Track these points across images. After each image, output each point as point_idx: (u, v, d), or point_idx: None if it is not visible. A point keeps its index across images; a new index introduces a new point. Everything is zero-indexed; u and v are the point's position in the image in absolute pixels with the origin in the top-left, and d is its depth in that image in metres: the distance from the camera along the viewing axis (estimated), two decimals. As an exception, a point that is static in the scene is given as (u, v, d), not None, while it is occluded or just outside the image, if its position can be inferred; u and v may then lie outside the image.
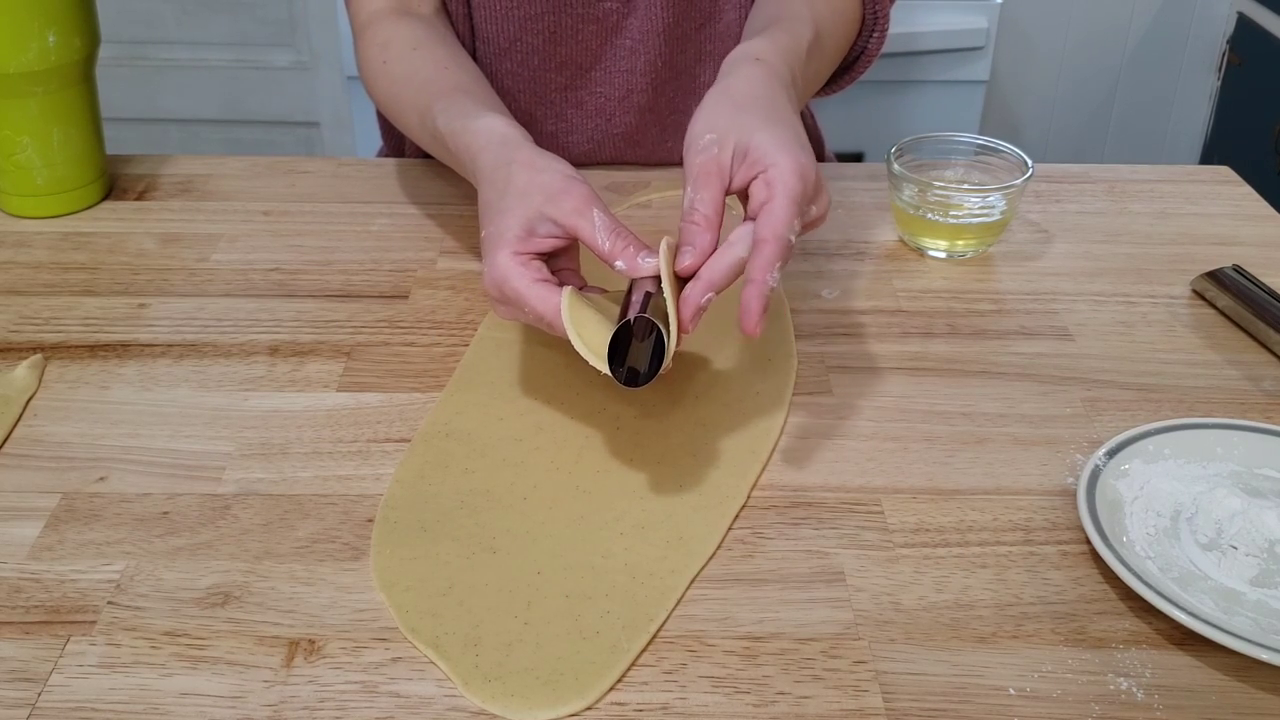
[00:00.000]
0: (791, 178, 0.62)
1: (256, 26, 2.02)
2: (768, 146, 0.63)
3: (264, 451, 0.67)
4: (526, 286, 0.63)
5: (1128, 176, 0.98)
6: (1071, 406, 0.71)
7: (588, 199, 0.64)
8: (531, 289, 0.63)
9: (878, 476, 0.65)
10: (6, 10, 0.83)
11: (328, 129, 2.10)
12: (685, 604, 0.57)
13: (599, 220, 0.63)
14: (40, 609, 0.57)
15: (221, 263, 0.85)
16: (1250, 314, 0.77)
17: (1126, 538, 0.60)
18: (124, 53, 2.01)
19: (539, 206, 0.64)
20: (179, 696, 0.52)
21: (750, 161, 0.63)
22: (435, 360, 0.74)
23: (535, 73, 0.93)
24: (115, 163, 0.97)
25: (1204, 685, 0.53)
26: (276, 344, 0.76)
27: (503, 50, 0.92)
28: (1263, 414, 0.70)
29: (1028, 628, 0.56)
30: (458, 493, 0.63)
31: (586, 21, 0.91)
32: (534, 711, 0.52)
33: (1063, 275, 0.84)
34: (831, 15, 0.84)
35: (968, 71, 1.94)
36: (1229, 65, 2.08)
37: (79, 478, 0.65)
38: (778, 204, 0.61)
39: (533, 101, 0.95)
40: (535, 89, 0.94)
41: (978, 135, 0.89)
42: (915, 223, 0.85)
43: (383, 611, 0.57)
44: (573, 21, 0.91)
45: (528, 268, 0.64)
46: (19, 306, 0.80)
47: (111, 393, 0.71)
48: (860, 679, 0.53)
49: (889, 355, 0.75)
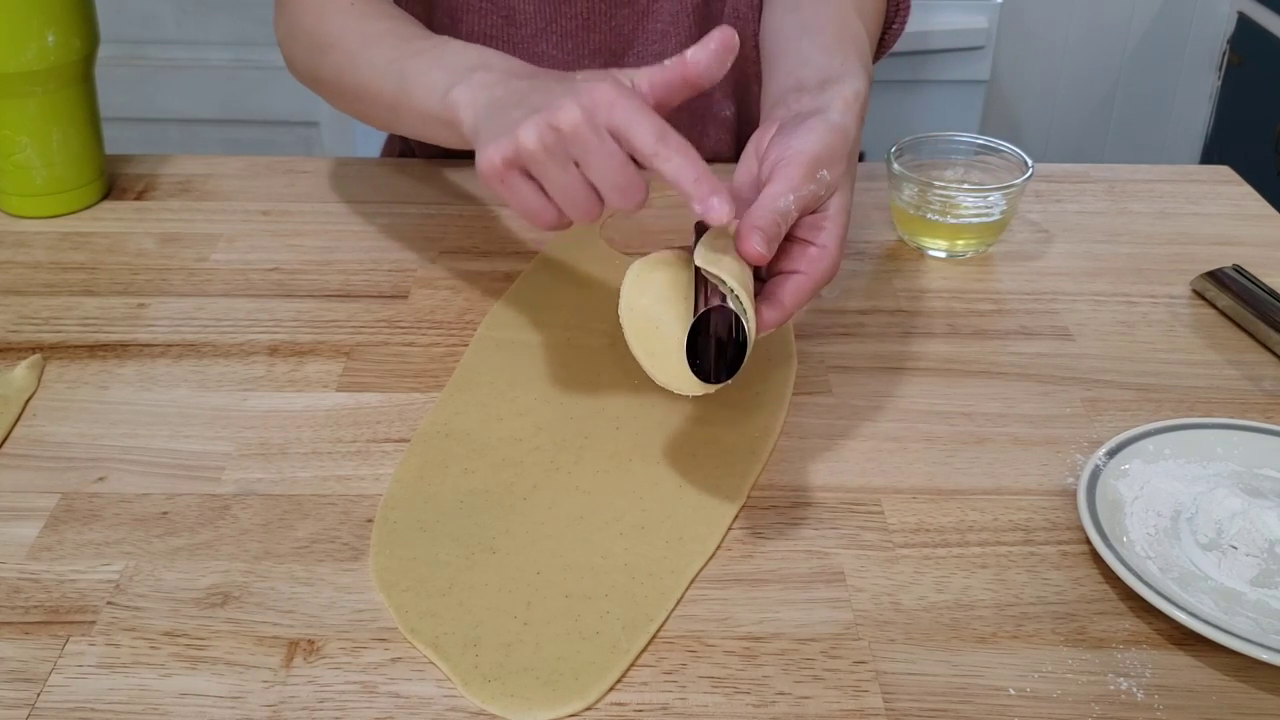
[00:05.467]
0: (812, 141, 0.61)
1: (256, 26, 2.01)
2: None
3: (263, 451, 0.67)
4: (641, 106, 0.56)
5: (1128, 176, 0.98)
6: (1071, 406, 0.71)
7: None
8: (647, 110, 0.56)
9: (878, 476, 0.65)
10: (5, 10, 0.83)
11: (327, 129, 2.10)
12: (685, 604, 0.57)
13: None
14: (39, 609, 0.57)
15: (221, 262, 0.85)
16: (1250, 314, 0.77)
17: (1127, 538, 0.60)
18: (123, 53, 2.01)
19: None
20: (178, 697, 0.52)
21: None
22: (435, 360, 0.74)
23: (570, 56, 0.93)
24: (114, 162, 0.97)
25: (1204, 685, 0.53)
26: (276, 344, 0.76)
27: (539, 31, 0.92)
28: (1263, 414, 0.70)
29: (1028, 628, 0.56)
30: (457, 493, 0.63)
31: (619, 5, 0.91)
32: (534, 711, 0.51)
33: (1063, 275, 0.84)
34: (874, 14, 0.83)
35: (968, 71, 1.94)
36: (1229, 65, 2.08)
37: (78, 478, 0.65)
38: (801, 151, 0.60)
39: None
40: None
41: (978, 135, 0.89)
42: (915, 222, 0.85)
43: (382, 612, 0.56)
44: (606, 6, 0.91)
45: None
46: (18, 306, 0.80)
47: (110, 393, 0.71)
48: (860, 679, 0.53)
49: (889, 355, 0.75)
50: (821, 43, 0.71)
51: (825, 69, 0.68)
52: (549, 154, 0.57)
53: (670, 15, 0.92)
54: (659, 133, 0.56)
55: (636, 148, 0.56)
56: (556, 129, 0.56)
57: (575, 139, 0.56)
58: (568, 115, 0.56)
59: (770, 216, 0.58)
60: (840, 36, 0.72)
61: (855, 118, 0.64)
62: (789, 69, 0.70)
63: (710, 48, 0.58)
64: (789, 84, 0.68)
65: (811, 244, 0.61)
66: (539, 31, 0.92)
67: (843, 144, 0.62)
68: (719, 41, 0.58)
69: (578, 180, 0.58)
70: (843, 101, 0.64)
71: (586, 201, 0.58)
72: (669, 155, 0.56)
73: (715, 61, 0.58)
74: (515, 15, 0.92)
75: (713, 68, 0.58)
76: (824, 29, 0.73)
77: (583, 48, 0.93)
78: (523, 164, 0.58)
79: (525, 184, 0.59)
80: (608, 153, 0.56)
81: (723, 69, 0.58)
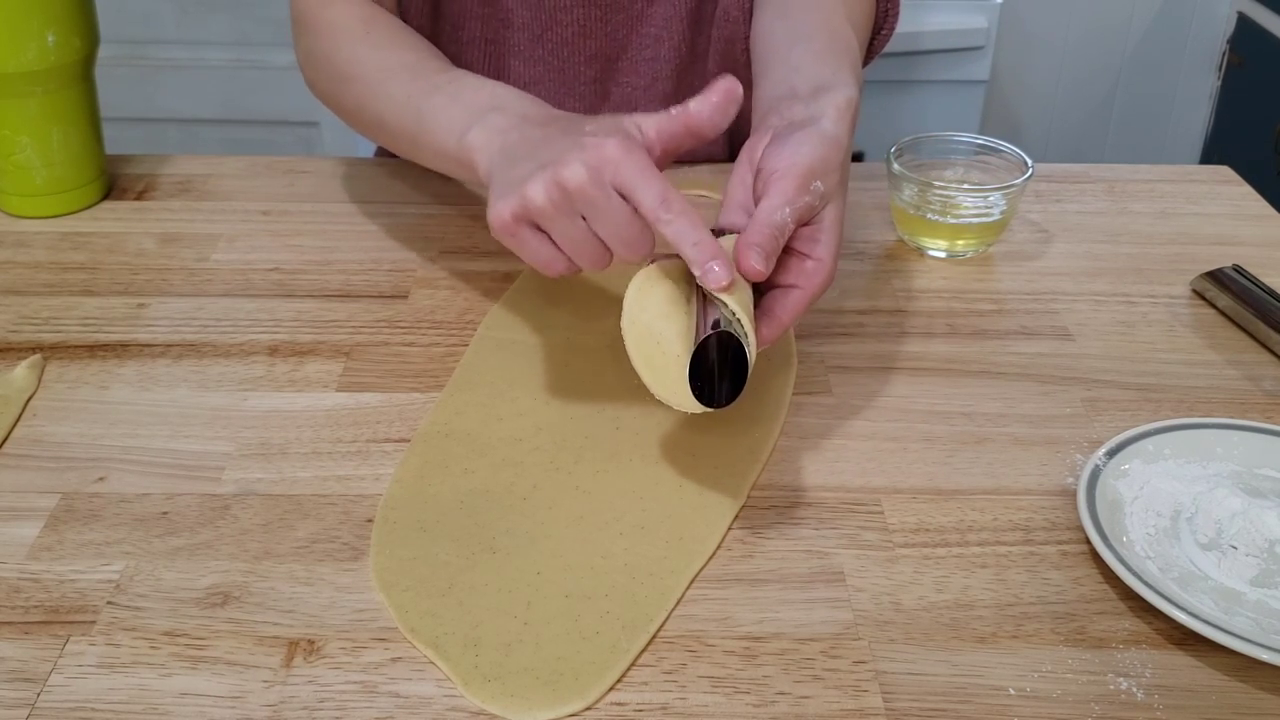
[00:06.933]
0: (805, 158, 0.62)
1: (256, 26, 2.01)
2: None
3: (263, 451, 0.67)
4: (647, 166, 0.57)
5: (1128, 176, 0.98)
6: (1071, 406, 0.71)
7: None
8: (652, 169, 0.57)
9: (878, 476, 0.65)
10: (5, 10, 0.83)
11: (327, 129, 2.10)
12: (685, 604, 0.57)
13: None
14: (39, 609, 0.57)
15: (221, 263, 0.85)
16: (1250, 314, 0.77)
17: (1126, 538, 0.60)
18: (123, 52, 2.01)
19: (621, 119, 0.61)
20: (178, 696, 0.52)
21: None
22: (435, 360, 0.74)
23: (566, 62, 0.94)
24: (114, 162, 0.97)
25: (1204, 685, 0.53)
26: (276, 344, 0.76)
27: (536, 36, 0.92)
28: (1263, 414, 0.70)
29: (1028, 628, 0.56)
30: (457, 493, 0.63)
31: (613, 11, 0.92)
32: (534, 711, 0.51)
33: (1063, 275, 0.84)
34: (864, 19, 0.83)
35: (968, 71, 1.94)
36: (1229, 65, 2.08)
37: (78, 478, 0.65)
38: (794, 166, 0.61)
39: (562, 93, 0.95)
40: (564, 80, 0.94)
41: (978, 135, 0.89)
42: (915, 223, 0.85)
43: (382, 611, 0.56)
44: (600, 13, 0.91)
45: None
46: (18, 306, 0.80)
47: (111, 393, 0.71)
48: (860, 679, 0.53)
49: (888, 355, 0.75)
50: (813, 50, 0.72)
51: (816, 77, 0.69)
52: (556, 210, 0.58)
53: (663, 20, 0.92)
54: (662, 196, 0.57)
55: (640, 208, 0.58)
56: (563, 187, 0.58)
57: (581, 197, 0.58)
58: (574, 173, 0.57)
59: (768, 232, 0.59)
60: (831, 44, 0.73)
61: (847, 127, 0.65)
62: (780, 76, 0.71)
63: (712, 100, 0.59)
64: (781, 91, 0.69)
65: (808, 257, 0.62)
66: (536, 37, 0.92)
67: (836, 154, 0.63)
68: (721, 94, 0.59)
69: (585, 233, 0.59)
70: (835, 110, 0.65)
71: (595, 252, 0.60)
72: (671, 219, 0.57)
73: (717, 113, 0.60)
74: (513, 20, 0.92)
75: (715, 118, 0.60)
76: (814, 36, 0.74)
77: (578, 54, 0.93)
78: (531, 219, 0.60)
79: (535, 236, 0.60)
80: (614, 209, 0.58)
81: (726, 119, 0.60)
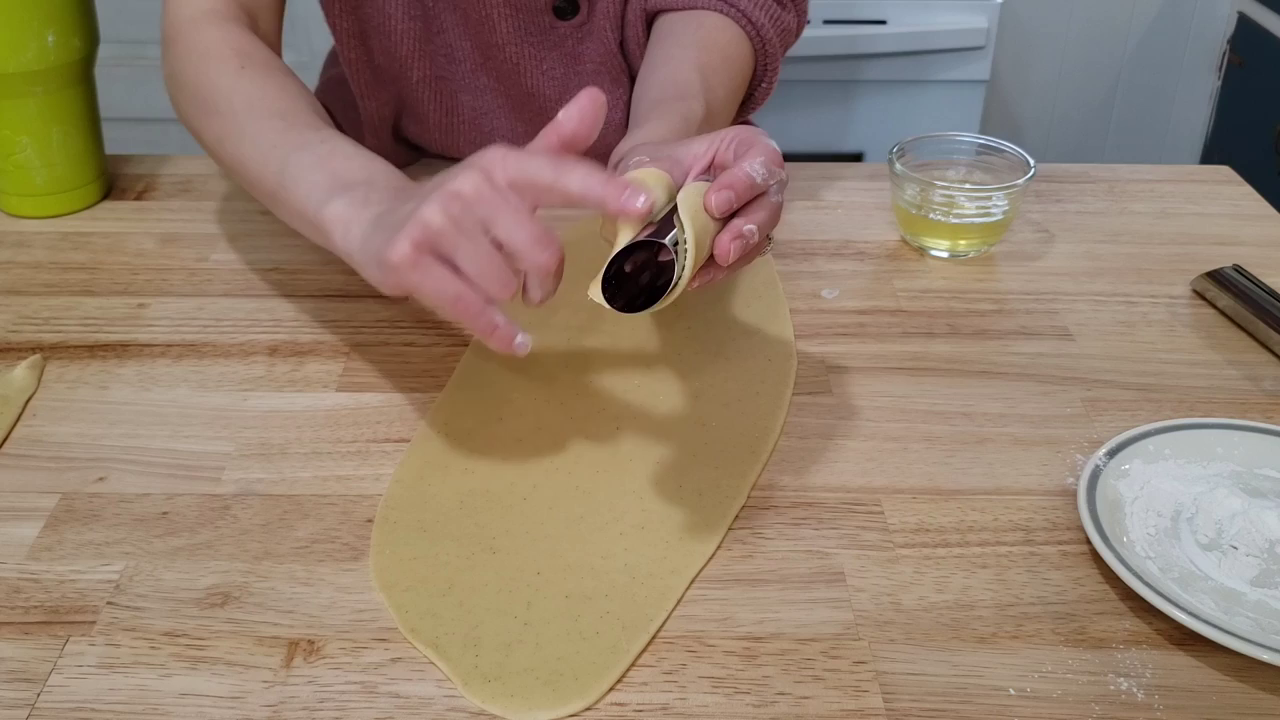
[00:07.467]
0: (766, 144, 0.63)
1: (256, 26, 2.01)
2: None
3: (263, 451, 0.67)
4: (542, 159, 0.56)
5: (1128, 176, 0.98)
6: (1072, 406, 0.71)
7: None
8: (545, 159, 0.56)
9: (878, 476, 0.65)
10: (5, 10, 0.83)
11: (327, 129, 2.10)
12: (685, 604, 0.57)
13: None
14: (39, 609, 0.57)
15: (221, 263, 0.85)
16: (1250, 314, 0.77)
17: (1127, 538, 0.60)
18: (124, 53, 2.01)
19: None
20: (178, 697, 0.52)
21: None
22: (435, 360, 0.74)
23: (508, 101, 0.94)
24: (115, 163, 0.97)
25: (1204, 685, 0.53)
26: (276, 344, 0.76)
27: (477, 67, 0.92)
28: (1263, 414, 0.70)
29: (1028, 628, 0.56)
30: (457, 493, 0.63)
31: (548, 49, 0.91)
32: (534, 712, 0.51)
33: (1063, 275, 0.84)
34: (726, 79, 0.83)
35: (968, 71, 1.94)
36: (1229, 65, 2.08)
37: (78, 478, 0.65)
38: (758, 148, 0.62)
39: (514, 119, 0.95)
40: (514, 108, 0.94)
41: (979, 135, 0.89)
42: (917, 223, 0.85)
43: (382, 612, 0.56)
44: (534, 51, 0.91)
45: None
46: (18, 306, 0.80)
47: (110, 393, 0.71)
48: (860, 679, 0.53)
49: (889, 355, 0.75)
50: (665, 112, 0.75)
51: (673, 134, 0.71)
52: (458, 226, 0.56)
53: (600, 58, 0.92)
54: (553, 160, 0.56)
55: (538, 183, 0.56)
56: (459, 196, 0.56)
57: (480, 200, 0.56)
58: (467, 181, 0.56)
59: (745, 180, 0.60)
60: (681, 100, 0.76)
61: None
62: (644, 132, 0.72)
63: (578, 106, 0.59)
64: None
65: None
66: (479, 66, 0.92)
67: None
68: (587, 98, 0.58)
69: (490, 252, 0.57)
70: None
71: (502, 272, 0.57)
72: (570, 170, 0.56)
73: (585, 120, 0.58)
74: (455, 54, 0.92)
75: (583, 126, 0.58)
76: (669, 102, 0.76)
77: (516, 89, 0.93)
78: (433, 243, 0.56)
79: (438, 267, 0.57)
80: (514, 207, 0.56)
81: (595, 125, 0.59)
